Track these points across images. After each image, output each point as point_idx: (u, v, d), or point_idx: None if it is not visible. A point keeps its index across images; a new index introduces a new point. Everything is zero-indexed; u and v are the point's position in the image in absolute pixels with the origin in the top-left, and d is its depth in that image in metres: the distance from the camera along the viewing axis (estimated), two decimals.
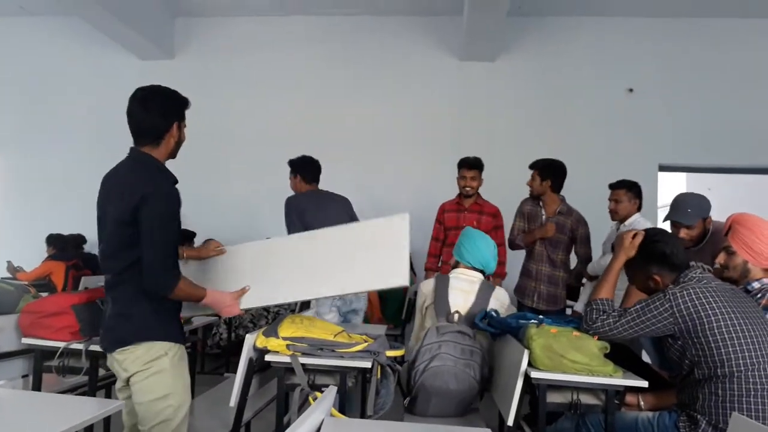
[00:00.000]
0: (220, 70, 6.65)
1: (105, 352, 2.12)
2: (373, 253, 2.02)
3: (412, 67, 6.53)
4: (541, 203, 4.16)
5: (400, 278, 1.83)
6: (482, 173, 4.43)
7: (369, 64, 6.58)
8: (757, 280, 2.38)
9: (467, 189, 4.38)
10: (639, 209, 3.90)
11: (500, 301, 2.87)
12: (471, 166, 4.38)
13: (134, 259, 1.99)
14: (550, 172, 4.06)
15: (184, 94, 2.18)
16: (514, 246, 4.28)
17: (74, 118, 6.85)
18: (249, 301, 2.34)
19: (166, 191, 2.03)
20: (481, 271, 2.93)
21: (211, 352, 5.68)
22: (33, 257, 6.05)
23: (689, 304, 2.07)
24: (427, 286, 2.91)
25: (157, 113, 2.08)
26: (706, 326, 2.04)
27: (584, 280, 4.26)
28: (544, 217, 4.10)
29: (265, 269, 2.40)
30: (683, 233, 2.78)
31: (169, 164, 2.19)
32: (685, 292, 2.09)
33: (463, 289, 2.81)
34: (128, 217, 1.97)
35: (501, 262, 4.06)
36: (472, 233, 3.04)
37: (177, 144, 2.16)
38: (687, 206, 2.79)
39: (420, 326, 2.92)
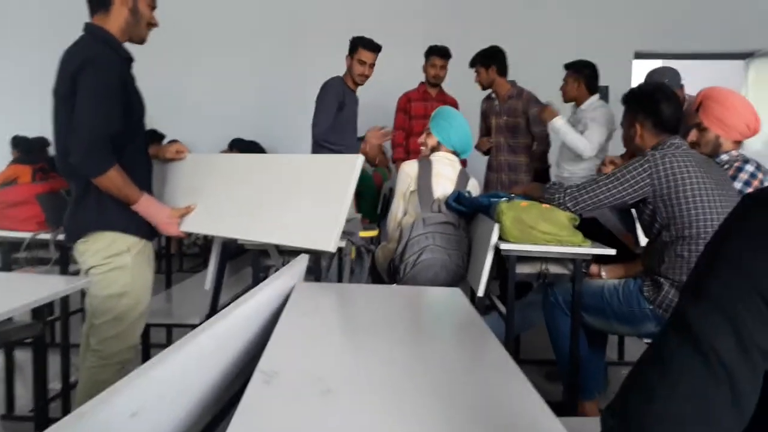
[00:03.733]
0: None
1: (66, 244, 2.00)
2: (312, 203, 1.79)
3: None
4: (493, 94, 4.11)
5: (326, 244, 1.63)
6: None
7: None
8: (726, 152, 2.41)
9: (438, 78, 4.31)
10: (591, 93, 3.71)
11: (476, 191, 2.88)
12: (444, 54, 4.30)
13: None
14: (490, 59, 3.99)
15: None
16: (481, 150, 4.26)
17: (26, 13, 6.43)
18: (191, 225, 2.03)
19: (107, 59, 1.81)
20: (457, 155, 2.91)
21: (189, 252, 5.71)
22: None
23: (668, 167, 2.11)
24: (411, 168, 2.82)
25: None
26: (680, 189, 2.08)
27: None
28: (497, 106, 4.06)
29: (214, 191, 2.10)
30: None
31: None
32: (666, 159, 2.13)
33: (447, 176, 2.79)
34: (68, 88, 1.77)
35: None
36: (453, 112, 2.94)
37: (133, 16, 1.92)
38: (663, 77, 2.77)
39: (402, 210, 2.87)
